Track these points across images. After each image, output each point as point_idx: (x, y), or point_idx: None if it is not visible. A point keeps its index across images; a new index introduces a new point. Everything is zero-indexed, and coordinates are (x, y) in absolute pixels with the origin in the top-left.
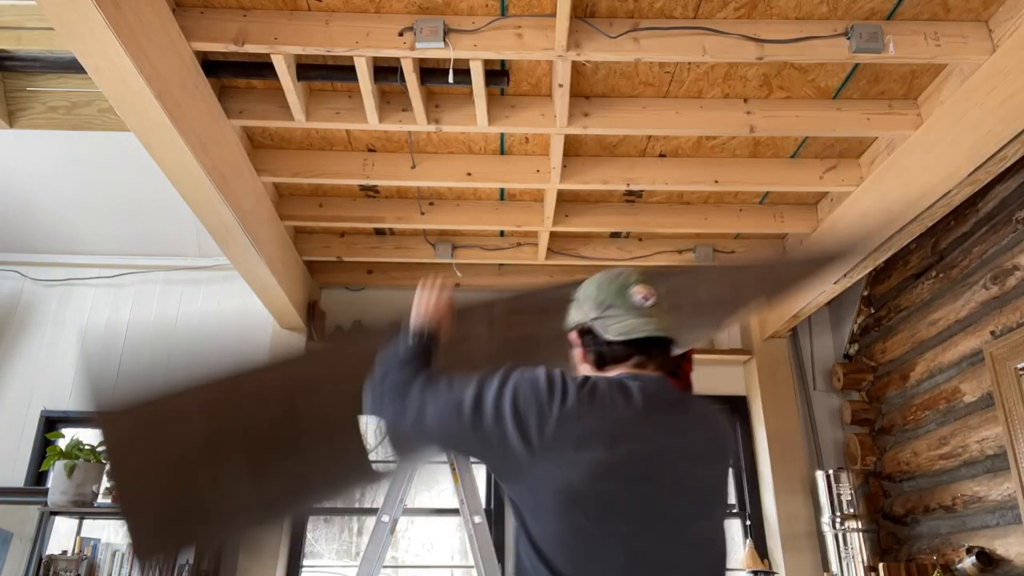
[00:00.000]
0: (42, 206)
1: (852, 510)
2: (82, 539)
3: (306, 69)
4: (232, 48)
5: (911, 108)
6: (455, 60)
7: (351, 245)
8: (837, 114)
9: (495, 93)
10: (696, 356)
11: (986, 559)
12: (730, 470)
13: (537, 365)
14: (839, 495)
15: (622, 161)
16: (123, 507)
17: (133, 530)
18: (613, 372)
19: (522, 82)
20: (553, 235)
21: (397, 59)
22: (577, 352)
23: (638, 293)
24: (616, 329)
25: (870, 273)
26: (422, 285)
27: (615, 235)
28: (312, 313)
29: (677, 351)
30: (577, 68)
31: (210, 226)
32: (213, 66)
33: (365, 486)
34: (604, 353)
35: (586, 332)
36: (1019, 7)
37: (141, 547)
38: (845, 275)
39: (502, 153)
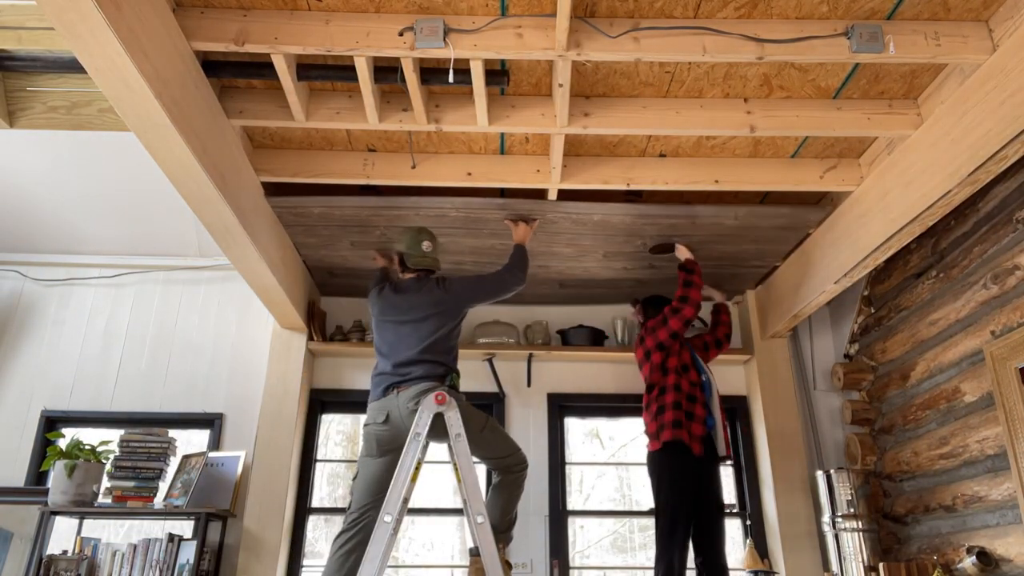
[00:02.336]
0: (42, 206)
1: (852, 510)
2: (82, 539)
3: (306, 69)
4: (232, 48)
5: (911, 108)
6: (455, 60)
7: None
8: (837, 114)
9: (495, 93)
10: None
11: (986, 559)
12: (449, 305)
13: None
14: (839, 495)
15: (622, 161)
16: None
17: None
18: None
19: (522, 82)
20: None
21: (397, 59)
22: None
23: (425, 244)
24: (410, 261)
25: (870, 273)
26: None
27: None
28: (312, 313)
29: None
30: (577, 68)
31: (210, 226)
32: (213, 66)
33: None
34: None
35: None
36: (1019, 7)
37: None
38: (845, 275)
39: (502, 153)
